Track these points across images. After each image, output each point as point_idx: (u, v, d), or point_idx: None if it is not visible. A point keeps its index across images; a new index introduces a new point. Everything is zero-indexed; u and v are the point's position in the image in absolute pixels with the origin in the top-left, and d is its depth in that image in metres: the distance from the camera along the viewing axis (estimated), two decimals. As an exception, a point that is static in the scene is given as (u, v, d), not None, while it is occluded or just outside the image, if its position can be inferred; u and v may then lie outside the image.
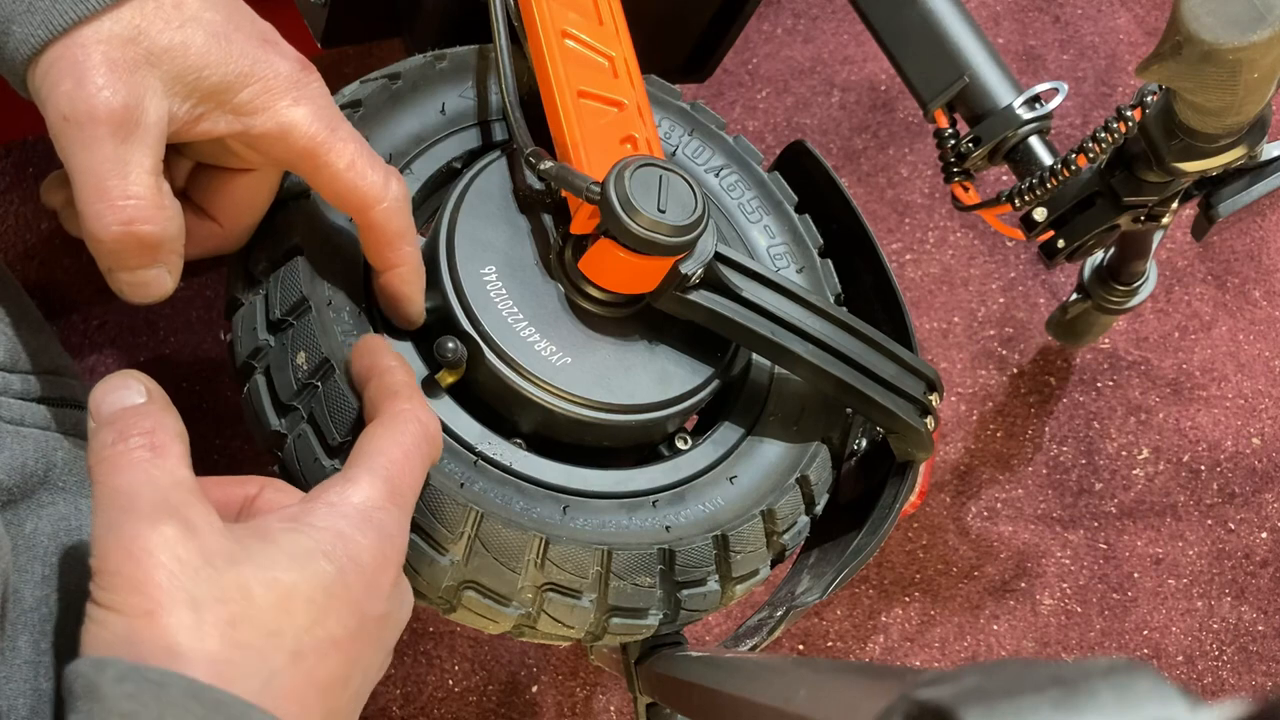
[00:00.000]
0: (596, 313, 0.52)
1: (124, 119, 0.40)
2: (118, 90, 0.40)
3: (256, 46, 0.43)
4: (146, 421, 0.37)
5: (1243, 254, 1.06)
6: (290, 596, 0.35)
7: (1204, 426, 1.00)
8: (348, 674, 0.36)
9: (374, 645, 0.38)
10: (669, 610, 0.50)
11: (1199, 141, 0.58)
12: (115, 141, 0.40)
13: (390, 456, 0.41)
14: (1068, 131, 1.08)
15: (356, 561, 0.37)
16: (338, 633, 0.36)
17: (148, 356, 0.87)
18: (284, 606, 0.35)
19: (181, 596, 0.33)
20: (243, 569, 0.35)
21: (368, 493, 0.39)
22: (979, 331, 1.01)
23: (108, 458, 0.36)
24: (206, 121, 0.43)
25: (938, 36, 0.69)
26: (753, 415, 0.56)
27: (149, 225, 0.41)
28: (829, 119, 1.06)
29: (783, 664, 0.43)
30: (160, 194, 0.41)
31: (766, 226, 0.60)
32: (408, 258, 0.47)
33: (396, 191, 0.46)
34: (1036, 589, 0.94)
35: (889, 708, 0.25)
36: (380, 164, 0.46)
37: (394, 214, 0.46)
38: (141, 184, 0.40)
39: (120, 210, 0.40)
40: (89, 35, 0.39)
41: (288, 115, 0.43)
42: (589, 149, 0.52)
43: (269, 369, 0.48)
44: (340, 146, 0.44)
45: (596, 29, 0.55)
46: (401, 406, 0.43)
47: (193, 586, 0.34)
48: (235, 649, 0.33)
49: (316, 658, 0.35)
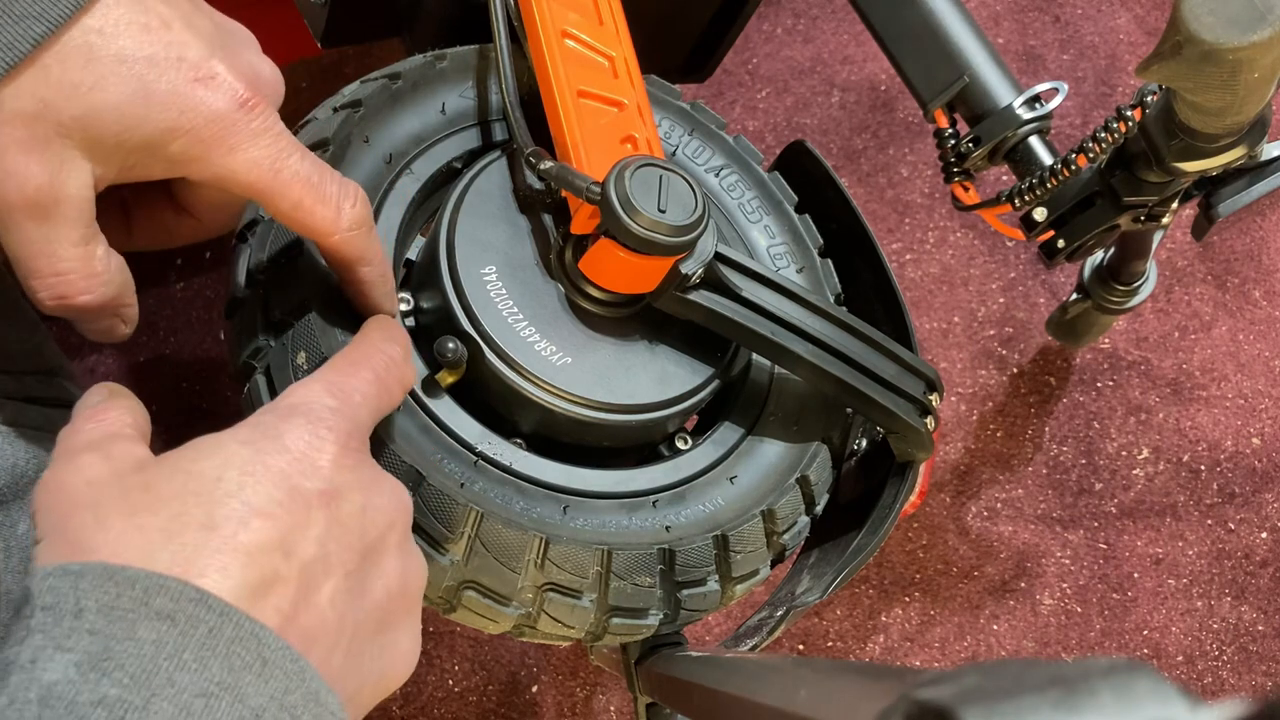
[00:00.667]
0: (596, 313, 0.52)
1: (40, 201, 0.38)
2: (29, 174, 0.38)
3: (185, 90, 0.39)
4: (94, 400, 0.39)
5: (1243, 254, 1.07)
6: (197, 477, 0.35)
7: (1204, 426, 1.00)
8: (282, 539, 0.35)
9: (322, 519, 0.36)
10: (669, 610, 0.50)
11: (1199, 141, 0.58)
12: (35, 223, 0.39)
13: (332, 364, 0.41)
14: (1068, 131, 1.08)
15: (278, 443, 0.36)
16: (259, 502, 0.35)
17: (148, 356, 0.87)
18: (190, 489, 0.35)
19: (88, 505, 0.34)
20: (150, 469, 0.36)
21: (300, 389, 0.39)
22: (979, 331, 1.01)
23: (60, 436, 0.38)
24: (140, 170, 0.41)
25: (938, 36, 0.69)
26: (753, 415, 0.56)
27: (83, 297, 0.41)
28: (829, 119, 1.06)
29: (783, 664, 0.43)
30: (92, 263, 0.41)
31: (766, 226, 0.60)
32: (366, 276, 0.46)
33: (349, 223, 0.44)
34: (1036, 589, 0.94)
35: (889, 708, 0.25)
36: (332, 196, 0.43)
37: (347, 245, 0.44)
38: (68, 260, 0.40)
39: (51, 286, 0.40)
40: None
41: (223, 165, 0.41)
42: (589, 149, 0.52)
43: (269, 369, 0.48)
44: (283, 190, 0.42)
45: (596, 29, 0.55)
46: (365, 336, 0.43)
47: (98, 495, 0.35)
48: (139, 533, 0.33)
49: (235, 525, 0.34)
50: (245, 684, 0.32)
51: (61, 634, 0.31)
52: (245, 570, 0.33)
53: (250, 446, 0.36)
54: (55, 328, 0.85)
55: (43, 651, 0.31)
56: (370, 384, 0.41)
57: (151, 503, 0.34)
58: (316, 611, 0.35)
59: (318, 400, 0.39)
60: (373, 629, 0.37)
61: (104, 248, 0.41)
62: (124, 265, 0.42)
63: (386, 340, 0.43)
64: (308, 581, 0.35)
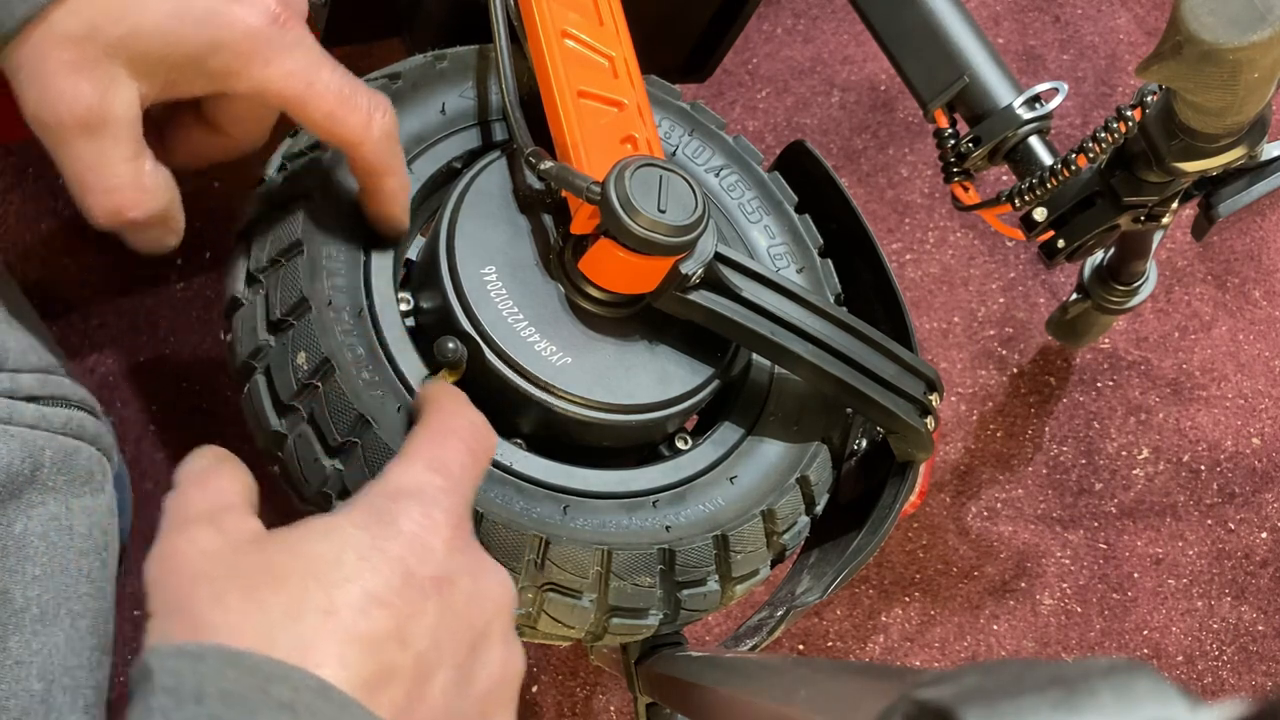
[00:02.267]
0: (596, 313, 0.52)
1: (90, 119, 0.40)
2: (80, 92, 0.40)
3: (221, 7, 0.42)
4: (199, 465, 0.40)
5: (1243, 254, 1.06)
6: (316, 561, 0.35)
7: (1204, 426, 1.00)
8: (398, 629, 0.35)
9: (435, 607, 0.36)
10: (669, 610, 0.50)
11: (1199, 141, 0.58)
12: (86, 140, 0.41)
13: (423, 438, 0.41)
14: (1068, 131, 1.08)
15: (392, 526, 0.37)
16: (376, 589, 0.35)
17: (148, 356, 0.87)
18: (309, 571, 0.35)
19: (204, 580, 0.34)
20: (267, 547, 0.36)
21: (403, 469, 0.39)
22: (979, 331, 1.01)
23: (165, 503, 0.38)
24: (182, 88, 0.43)
25: (938, 36, 0.69)
26: (753, 415, 0.56)
27: (134, 211, 0.43)
28: (829, 119, 1.06)
29: (783, 664, 0.43)
30: (141, 177, 0.43)
31: (766, 226, 0.60)
32: (390, 187, 0.48)
33: (378, 132, 0.46)
34: (1036, 589, 0.94)
35: (889, 708, 0.25)
36: (361, 106, 0.45)
37: (373, 154, 0.47)
38: (120, 175, 0.42)
39: (103, 201, 0.42)
40: (43, 38, 0.39)
41: (260, 78, 0.43)
42: (589, 149, 0.52)
43: (269, 369, 0.48)
44: (317, 101, 0.44)
45: (596, 29, 0.55)
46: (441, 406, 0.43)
47: (214, 569, 0.35)
48: (258, 612, 0.33)
49: (353, 613, 0.34)
50: None
51: (182, 719, 0.31)
52: (364, 661, 0.34)
53: (366, 531, 0.36)
54: (57, 328, 0.85)
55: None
56: (465, 454, 0.41)
57: (270, 582, 0.34)
58: (427, 705, 0.35)
59: (427, 481, 0.39)
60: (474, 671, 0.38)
61: (152, 162, 0.43)
62: (171, 178, 0.45)
63: (462, 406, 0.43)
64: (421, 673, 0.35)
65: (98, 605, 0.45)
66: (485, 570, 0.39)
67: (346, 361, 0.47)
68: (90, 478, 0.46)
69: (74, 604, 0.44)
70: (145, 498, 0.81)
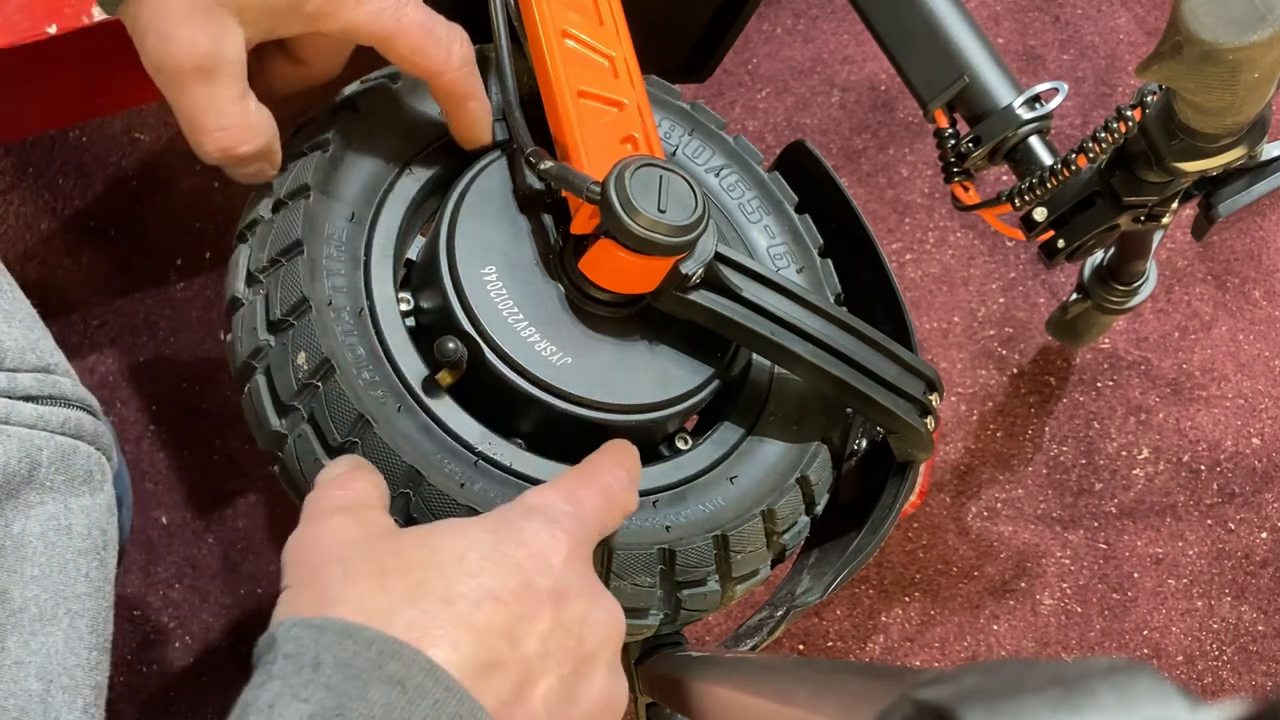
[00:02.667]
0: (596, 313, 0.52)
1: (206, 64, 0.45)
2: (197, 40, 0.44)
3: None
4: (339, 469, 0.43)
5: (1243, 254, 1.07)
6: (441, 552, 0.37)
7: (1204, 426, 1.00)
8: (510, 627, 0.36)
9: (548, 616, 0.37)
10: (669, 610, 0.50)
11: (1199, 141, 0.58)
12: (202, 84, 0.45)
13: (569, 474, 0.44)
14: (1068, 131, 1.08)
15: (517, 536, 0.39)
16: (494, 586, 0.37)
17: (148, 356, 0.87)
18: (433, 562, 0.37)
19: (338, 561, 0.37)
20: (400, 538, 0.38)
21: (540, 492, 0.42)
22: (979, 331, 1.01)
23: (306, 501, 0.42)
24: (281, 29, 0.48)
25: (938, 36, 0.69)
26: (753, 415, 0.56)
27: (243, 147, 0.47)
28: (829, 119, 1.06)
29: (783, 664, 0.43)
30: (248, 116, 0.47)
31: (766, 226, 0.60)
32: (474, 110, 0.53)
33: (459, 60, 0.50)
34: (1036, 589, 0.94)
35: (889, 708, 0.25)
36: (443, 40, 0.50)
37: (456, 82, 0.51)
38: (230, 115, 0.46)
39: (216, 139, 0.47)
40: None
41: (352, 18, 0.47)
42: (589, 149, 0.52)
43: (269, 369, 0.48)
44: (403, 36, 0.48)
45: (596, 29, 0.55)
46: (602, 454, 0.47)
47: (346, 552, 0.37)
48: (382, 594, 0.35)
49: (469, 604, 0.36)
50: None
51: (300, 684, 0.32)
52: (474, 648, 0.35)
53: (493, 534, 0.38)
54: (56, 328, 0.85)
55: (280, 699, 0.32)
56: (600, 498, 0.43)
57: (399, 567, 0.36)
58: (529, 706, 0.36)
59: (555, 504, 0.41)
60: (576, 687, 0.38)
61: (255, 102, 0.48)
62: (270, 115, 0.49)
63: (618, 464, 0.46)
64: (527, 673, 0.36)
65: (96, 605, 0.45)
66: (600, 598, 0.41)
67: (346, 361, 0.47)
68: (89, 477, 0.46)
69: (73, 604, 0.44)
70: (145, 497, 0.81)
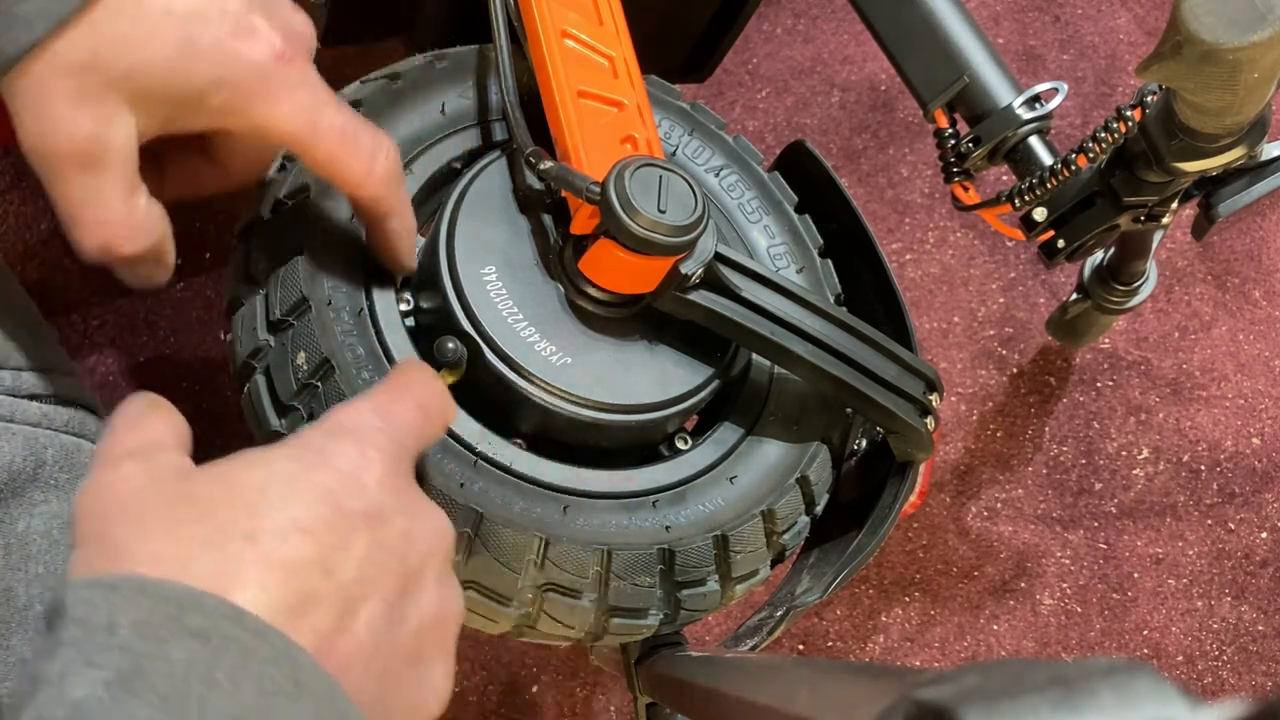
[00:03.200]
0: (596, 313, 0.52)
1: (88, 152, 0.39)
2: (79, 125, 0.39)
3: (227, 43, 0.40)
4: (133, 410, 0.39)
5: (1243, 254, 1.07)
6: (242, 488, 0.34)
7: (1204, 426, 1.00)
8: (322, 558, 0.34)
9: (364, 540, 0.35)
10: (669, 610, 0.50)
11: (1199, 141, 0.58)
12: (82, 174, 0.40)
13: (376, 389, 0.41)
14: (1068, 131, 1.08)
15: (324, 460, 0.36)
16: (302, 517, 0.34)
17: (148, 356, 0.87)
18: (233, 499, 0.34)
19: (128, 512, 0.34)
20: (194, 478, 0.35)
21: (346, 409, 0.39)
22: (979, 331, 1.01)
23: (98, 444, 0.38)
24: (182, 123, 0.42)
25: (938, 36, 0.69)
26: (753, 415, 0.56)
27: (126, 246, 0.42)
28: (829, 119, 1.06)
29: (783, 664, 0.43)
30: (135, 214, 0.41)
31: (766, 226, 0.60)
32: (393, 228, 0.48)
33: (380, 174, 0.45)
34: (1036, 589, 0.94)
35: (889, 708, 0.25)
36: (364, 148, 0.44)
37: (376, 196, 0.46)
38: (113, 209, 0.41)
39: (96, 236, 0.41)
40: (44, 67, 0.38)
41: (263, 117, 0.42)
42: (589, 149, 0.52)
43: (269, 369, 0.48)
44: (319, 142, 0.43)
45: (596, 29, 0.55)
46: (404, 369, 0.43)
47: (138, 501, 0.34)
48: (179, 542, 0.33)
49: (275, 540, 0.33)
50: (277, 708, 0.31)
51: (93, 649, 0.30)
52: (284, 586, 0.33)
53: (297, 462, 0.35)
54: (57, 328, 0.85)
55: (72, 666, 0.30)
56: (414, 411, 0.40)
57: (196, 511, 0.34)
58: (353, 636, 0.34)
59: (366, 421, 0.38)
60: (406, 660, 0.37)
61: (146, 198, 0.42)
62: (164, 214, 0.43)
63: (426, 375, 0.43)
64: (346, 603, 0.34)
65: None
66: (422, 511, 0.38)
67: (346, 362, 0.47)
68: None
69: None
70: (145, 498, 0.81)
